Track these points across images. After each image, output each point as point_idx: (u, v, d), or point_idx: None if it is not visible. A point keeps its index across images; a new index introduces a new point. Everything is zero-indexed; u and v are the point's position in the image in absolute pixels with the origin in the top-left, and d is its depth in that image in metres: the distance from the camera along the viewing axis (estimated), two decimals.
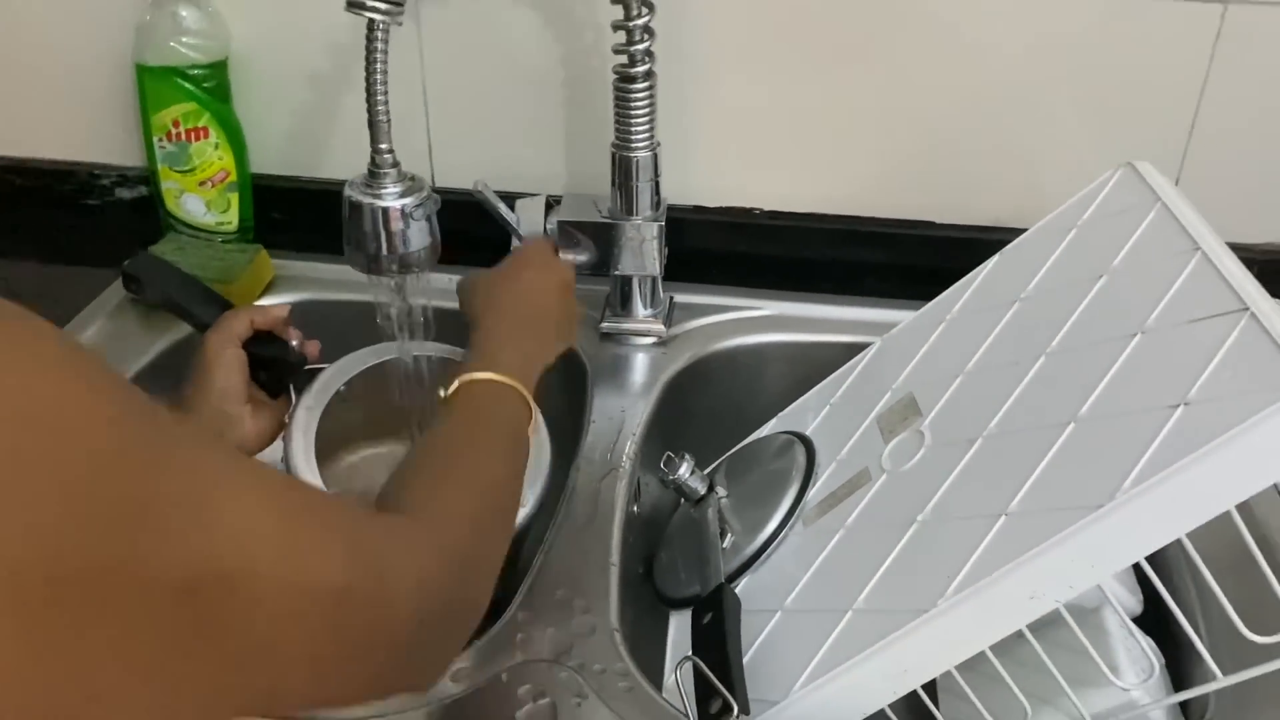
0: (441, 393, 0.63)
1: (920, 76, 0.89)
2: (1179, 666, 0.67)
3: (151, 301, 0.81)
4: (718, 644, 0.60)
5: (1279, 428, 0.49)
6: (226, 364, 0.72)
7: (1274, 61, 0.85)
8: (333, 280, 0.94)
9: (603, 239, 0.84)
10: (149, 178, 0.97)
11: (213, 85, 0.92)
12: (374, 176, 0.67)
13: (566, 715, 0.58)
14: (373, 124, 0.65)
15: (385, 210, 0.66)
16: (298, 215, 1.00)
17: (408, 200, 0.67)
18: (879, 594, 0.60)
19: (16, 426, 0.29)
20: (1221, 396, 0.52)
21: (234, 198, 0.96)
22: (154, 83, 0.91)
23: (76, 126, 1.00)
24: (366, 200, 0.67)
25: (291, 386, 0.77)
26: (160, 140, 0.93)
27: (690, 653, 0.61)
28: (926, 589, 0.57)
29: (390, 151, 0.66)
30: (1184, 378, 0.54)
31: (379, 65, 0.63)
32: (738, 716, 0.55)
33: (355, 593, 0.41)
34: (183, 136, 0.92)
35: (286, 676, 0.39)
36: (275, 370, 0.76)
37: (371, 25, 0.62)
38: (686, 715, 0.57)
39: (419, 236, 0.68)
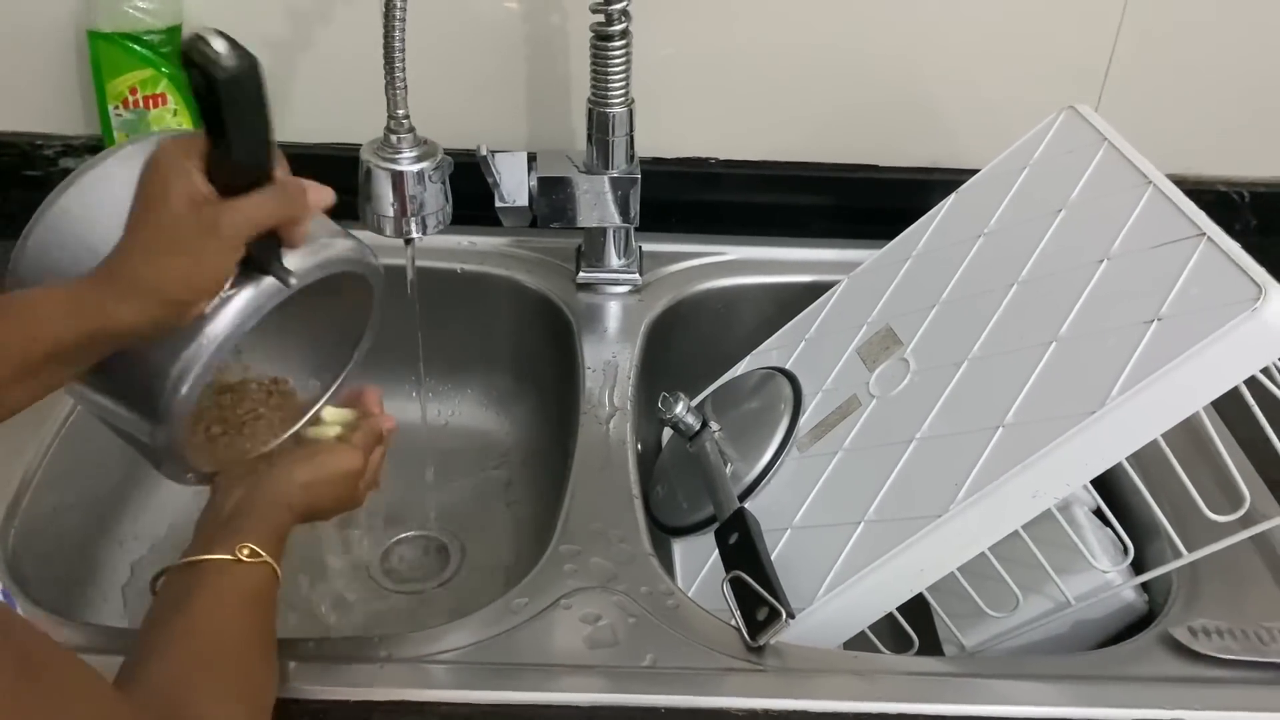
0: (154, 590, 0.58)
1: (858, 29, 0.95)
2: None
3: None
4: (751, 560, 0.65)
5: (1244, 336, 0.57)
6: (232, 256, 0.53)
7: (1183, 8, 0.94)
8: None
9: (579, 192, 0.88)
10: (100, 146, 0.96)
11: (169, 50, 0.91)
12: (390, 141, 0.69)
13: (625, 634, 0.63)
14: (390, 91, 0.67)
15: (402, 174, 0.69)
16: None
17: (425, 164, 0.69)
18: (889, 505, 0.67)
19: None
20: (1190, 311, 0.60)
21: None
22: (108, 49, 0.89)
23: (13, 95, 0.98)
24: (384, 165, 0.69)
25: None
26: (116, 108, 0.92)
27: (720, 571, 0.67)
28: (936, 496, 0.64)
29: (406, 117, 0.68)
30: (1154, 297, 0.62)
31: (397, 35, 0.65)
32: (786, 620, 0.61)
33: None
34: (140, 103, 0.91)
35: None
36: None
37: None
38: (736, 626, 0.63)
39: (435, 199, 0.70)
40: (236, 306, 0.54)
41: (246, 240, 0.52)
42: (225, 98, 0.49)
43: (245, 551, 0.55)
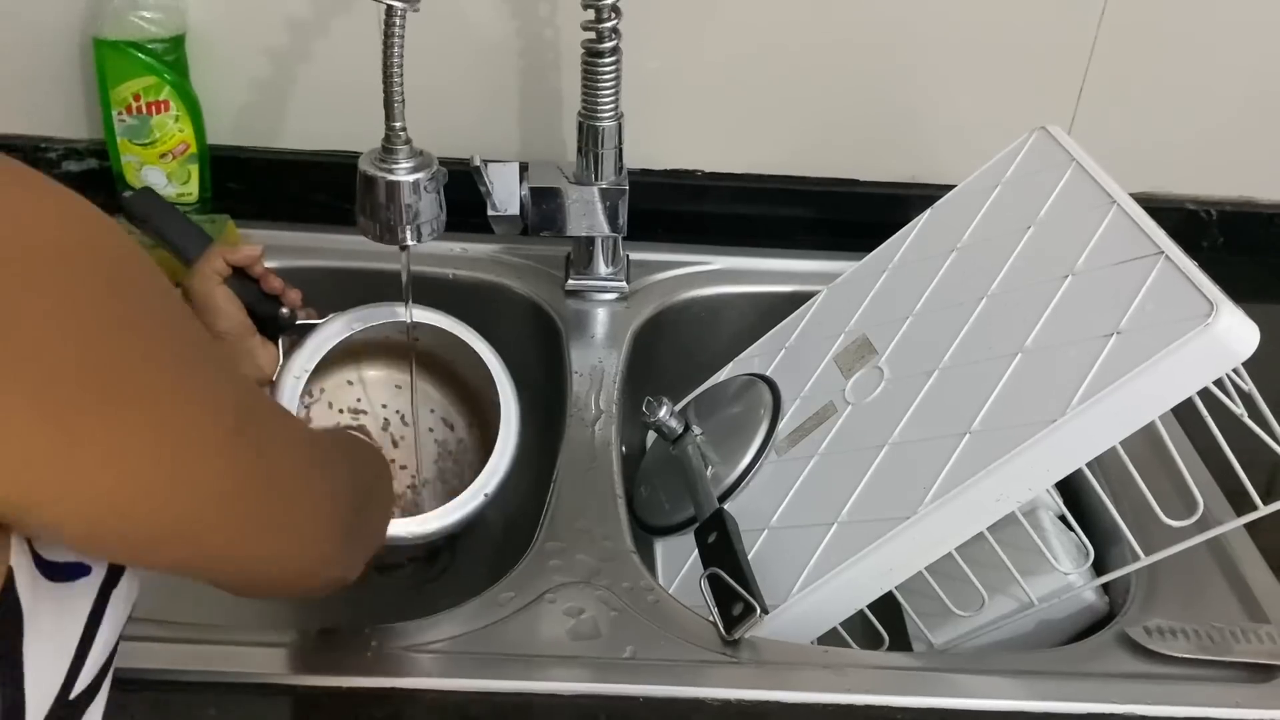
0: None
1: (842, 49, 0.98)
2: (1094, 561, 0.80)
3: (145, 236, 0.80)
4: (729, 558, 0.68)
5: (1196, 350, 0.60)
6: (223, 302, 0.74)
7: (1155, 31, 0.97)
8: (297, 246, 0.97)
9: (569, 202, 0.91)
10: (103, 150, 0.98)
11: (172, 59, 0.94)
12: (388, 152, 0.71)
13: (607, 627, 0.65)
14: (388, 104, 0.69)
15: (398, 184, 0.71)
16: (254, 185, 1.02)
17: (421, 175, 0.72)
18: (861, 507, 0.70)
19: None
20: (1147, 326, 0.63)
21: (194, 169, 0.98)
22: (113, 56, 0.92)
23: (19, 99, 1.00)
24: (381, 174, 0.71)
25: (280, 342, 0.80)
26: (119, 113, 0.94)
27: (700, 569, 0.70)
28: (905, 499, 0.67)
29: (404, 129, 0.70)
30: (1113, 311, 0.65)
31: (396, 49, 0.68)
32: (759, 615, 0.64)
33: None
34: (143, 110, 0.94)
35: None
36: (266, 327, 0.79)
37: (390, 11, 0.67)
38: (713, 620, 0.66)
39: (429, 208, 0.73)
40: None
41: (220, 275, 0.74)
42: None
43: None
